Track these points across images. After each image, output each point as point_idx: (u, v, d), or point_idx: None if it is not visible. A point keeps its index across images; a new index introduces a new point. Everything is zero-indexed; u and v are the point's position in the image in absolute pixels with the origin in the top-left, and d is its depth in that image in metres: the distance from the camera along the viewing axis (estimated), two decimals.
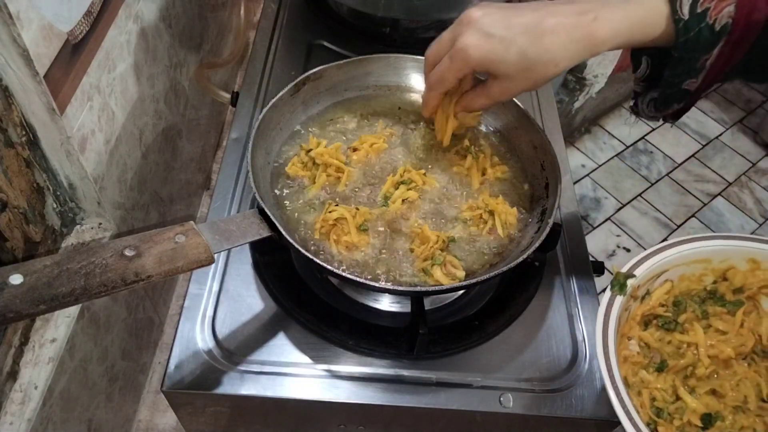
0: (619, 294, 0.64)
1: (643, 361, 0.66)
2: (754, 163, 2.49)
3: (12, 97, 0.66)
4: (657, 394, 0.64)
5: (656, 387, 0.65)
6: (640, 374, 0.65)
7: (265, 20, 1.06)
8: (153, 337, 1.10)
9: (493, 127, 0.84)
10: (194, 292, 0.71)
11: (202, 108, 1.26)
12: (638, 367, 0.66)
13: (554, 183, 0.73)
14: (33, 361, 0.71)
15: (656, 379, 0.65)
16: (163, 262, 0.53)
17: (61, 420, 0.76)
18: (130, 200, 0.93)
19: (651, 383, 0.65)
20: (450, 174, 0.78)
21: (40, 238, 0.76)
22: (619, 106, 2.61)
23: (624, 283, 0.64)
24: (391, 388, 0.67)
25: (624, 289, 0.64)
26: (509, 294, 0.75)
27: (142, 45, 0.91)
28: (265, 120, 0.75)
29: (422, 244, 0.69)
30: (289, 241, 0.62)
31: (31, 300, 0.47)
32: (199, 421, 0.71)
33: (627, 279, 0.64)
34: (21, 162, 0.71)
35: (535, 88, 0.63)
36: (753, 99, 2.75)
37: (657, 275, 0.67)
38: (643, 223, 2.23)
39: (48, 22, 0.65)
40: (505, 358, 0.70)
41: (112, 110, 0.84)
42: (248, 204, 0.80)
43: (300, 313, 0.71)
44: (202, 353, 0.67)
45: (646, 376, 0.65)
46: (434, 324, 0.71)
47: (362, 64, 0.85)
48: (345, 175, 0.75)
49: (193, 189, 1.28)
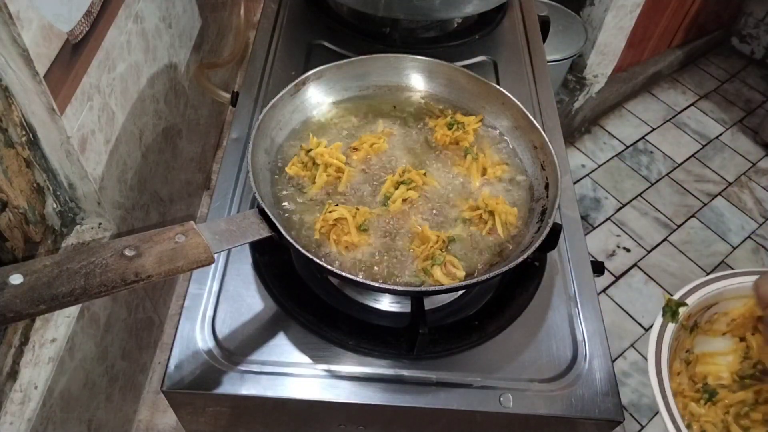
0: (671, 321, 0.62)
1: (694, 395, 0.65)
2: (754, 163, 2.49)
3: (12, 97, 0.66)
4: (708, 427, 0.63)
5: (707, 420, 0.63)
6: (690, 407, 0.64)
7: (265, 20, 1.06)
8: (153, 337, 1.10)
9: (494, 127, 0.84)
10: (194, 292, 0.71)
11: (202, 108, 1.26)
12: (688, 400, 0.64)
13: (554, 183, 0.73)
14: (33, 361, 0.71)
15: (707, 412, 0.64)
16: (163, 262, 0.53)
17: (61, 420, 0.76)
18: (130, 200, 0.93)
19: (702, 416, 0.63)
20: (450, 174, 0.78)
21: (40, 238, 0.76)
22: (619, 106, 2.61)
23: (676, 310, 0.63)
24: (391, 388, 0.67)
25: (676, 317, 0.62)
26: (509, 294, 0.75)
27: (142, 45, 0.91)
28: (265, 120, 0.75)
29: (422, 244, 0.69)
30: (289, 241, 0.62)
31: (31, 300, 0.47)
32: (199, 421, 0.71)
33: (679, 306, 0.63)
34: (21, 162, 0.71)
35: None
36: (753, 99, 2.75)
37: (707, 306, 0.66)
38: (643, 223, 2.24)
39: (48, 22, 0.65)
40: (505, 358, 0.70)
41: (112, 110, 0.84)
42: (248, 204, 0.80)
43: (300, 313, 0.71)
44: (202, 353, 0.67)
45: (696, 409, 0.64)
46: (434, 324, 0.71)
47: (362, 64, 0.85)
48: (345, 175, 0.75)
49: (193, 189, 1.27)
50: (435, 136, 0.81)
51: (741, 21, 2.92)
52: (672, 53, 2.69)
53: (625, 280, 2.07)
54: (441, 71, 0.87)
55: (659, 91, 2.72)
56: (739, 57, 2.95)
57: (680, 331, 0.64)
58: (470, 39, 1.08)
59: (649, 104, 2.66)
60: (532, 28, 1.13)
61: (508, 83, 1.00)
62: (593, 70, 2.23)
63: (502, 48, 1.08)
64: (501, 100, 0.83)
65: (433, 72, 0.87)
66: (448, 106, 0.86)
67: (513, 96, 0.82)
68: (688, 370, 0.68)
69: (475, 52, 1.06)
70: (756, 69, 2.90)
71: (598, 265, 0.80)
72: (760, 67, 2.91)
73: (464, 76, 0.85)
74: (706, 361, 0.69)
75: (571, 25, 2.03)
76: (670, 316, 0.63)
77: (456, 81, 0.86)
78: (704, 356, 0.69)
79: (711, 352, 0.69)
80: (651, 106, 2.65)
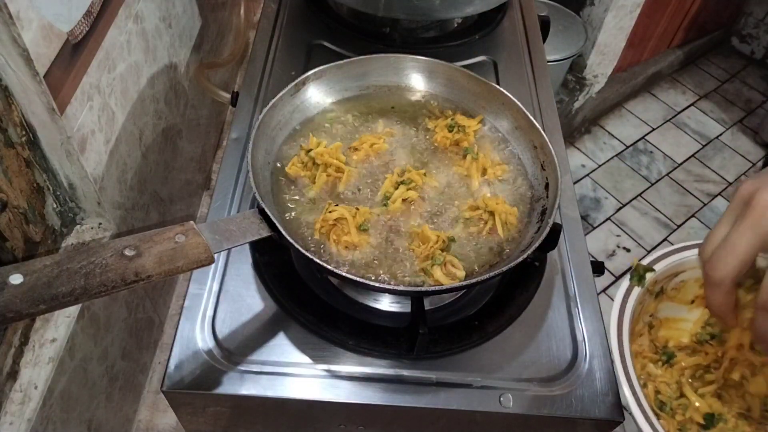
0: (637, 285, 0.64)
1: (653, 357, 0.66)
2: (754, 163, 2.50)
3: (12, 97, 0.66)
4: (662, 387, 0.64)
5: (663, 381, 0.65)
6: (648, 367, 0.65)
7: (265, 20, 1.06)
8: (153, 337, 1.10)
9: (494, 127, 0.84)
10: (194, 292, 0.71)
11: (202, 108, 1.26)
12: (647, 361, 0.66)
13: (554, 183, 0.73)
14: (33, 361, 0.71)
15: (663, 373, 0.65)
16: (163, 262, 0.53)
17: (61, 420, 0.76)
18: (130, 200, 0.93)
19: (658, 377, 0.65)
20: (450, 174, 0.78)
21: (40, 238, 0.76)
22: (619, 106, 2.61)
23: (643, 275, 0.64)
24: (391, 388, 0.67)
25: (642, 281, 0.64)
26: (509, 294, 0.75)
27: (142, 45, 0.91)
28: (265, 120, 0.75)
29: (422, 244, 0.69)
30: (289, 241, 0.62)
31: (31, 300, 0.47)
32: (199, 421, 0.71)
33: (646, 272, 0.64)
34: (21, 162, 0.71)
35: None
36: (753, 99, 2.76)
37: (674, 274, 0.67)
38: (643, 223, 2.24)
39: (48, 22, 0.65)
40: (505, 358, 0.70)
41: (112, 110, 0.84)
42: (248, 204, 0.80)
43: (300, 313, 0.71)
44: (202, 353, 0.67)
45: (653, 369, 0.65)
46: (434, 324, 0.71)
47: (362, 64, 0.85)
48: (345, 175, 0.75)
49: (193, 189, 1.28)
50: (435, 138, 0.81)
51: (741, 21, 2.92)
52: (672, 53, 2.69)
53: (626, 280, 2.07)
54: (441, 71, 0.87)
55: (659, 91, 2.72)
56: (739, 57, 2.95)
57: (645, 296, 0.66)
58: (470, 39, 1.08)
59: (649, 104, 2.66)
60: (532, 28, 1.13)
61: (508, 83, 1.00)
62: (593, 70, 2.23)
63: (502, 48, 1.08)
64: (501, 100, 0.83)
65: (433, 72, 0.87)
66: (448, 107, 0.86)
67: (513, 96, 0.82)
68: (651, 333, 0.70)
69: (475, 52, 1.06)
70: (756, 69, 2.90)
71: (598, 265, 0.80)
72: (760, 67, 2.91)
73: (464, 76, 0.85)
74: (669, 326, 0.70)
75: (571, 25, 2.03)
76: (636, 280, 0.64)
77: (456, 81, 0.86)
78: (668, 321, 0.71)
79: (675, 317, 0.70)
80: (651, 106, 2.65)
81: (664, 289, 0.68)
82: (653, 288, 0.66)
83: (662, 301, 0.71)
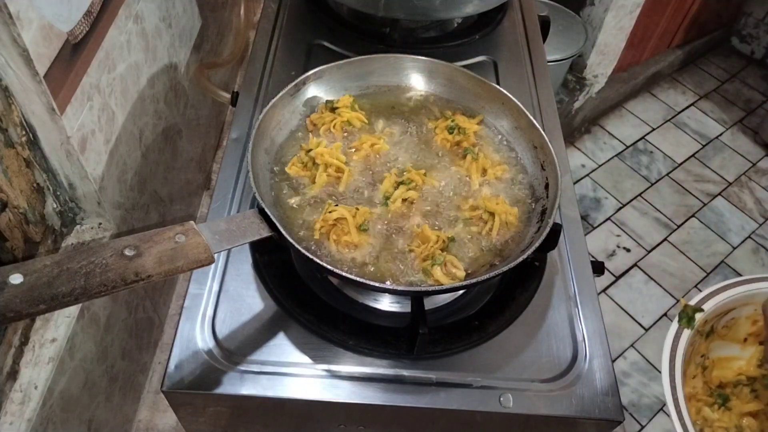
0: (687, 327, 0.62)
1: (708, 399, 0.64)
2: (754, 163, 2.49)
3: (12, 97, 0.66)
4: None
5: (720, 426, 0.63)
6: (703, 411, 0.63)
7: (265, 20, 1.06)
8: (153, 337, 1.10)
9: (494, 127, 0.84)
10: (194, 292, 0.71)
11: (202, 108, 1.26)
12: (702, 404, 0.64)
13: (554, 183, 0.73)
14: (33, 361, 0.71)
15: (721, 417, 0.63)
16: (163, 262, 0.53)
17: (61, 420, 0.76)
18: (130, 200, 0.93)
19: (715, 422, 0.63)
20: (450, 174, 0.78)
21: (40, 238, 0.76)
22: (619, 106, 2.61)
23: (692, 316, 0.62)
24: (391, 388, 0.67)
25: (692, 323, 0.62)
26: (509, 294, 0.75)
27: (142, 45, 0.91)
28: (265, 120, 0.75)
29: (422, 244, 0.69)
30: (289, 241, 0.62)
31: (31, 299, 0.47)
32: (199, 421, 0.71)
33: (695, 312, 0.62)
34: (21, 162, 0.71)
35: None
36: (753, 99, 2.75)
37: (725, 312, 0.65)
38: (643, 223, 2.24)
39: (48, 22, 0.65)
40: (505, 358, 0.70)
41: (112, 110, 0.84)
42: (248, 204, 0.80)
43: (300, 313, 0.71)
44: (202, 353, 0.67)
45: (709, 414, 0.63)
46: (434, 324, 0.71)
47: (362, 64, 0.85)
48: (345, 175, 0.75)
49: (193, 189, 1.28)
50: (435, 139, 0.81)
51: (741, 21, 2.92)
52: (672, 53, 2.69)
53: (625, 280, 2.07)
54: (441, 71, 0.87)
55: (659, 91, 2.72)
56: (739, 57, 2.95)
57: (696, 337, 0.63)
58: (470, 39, 1.08)
59: (649, 104, 2.66)
60: (532, 28, 1.13)
61: (508, 83, 1.00)
62: (593, 70, 2.23)
63: (502, 48, 1.08)
64: (501, 100, 0.83)
65: (433, 72, 0.87)
66: (448, 107, 0.86)
67: (513, 96, 0.82)
68: (704, 375, 0.68)
69: (475, 52, 1.06)
70: (756, 69, 2.90)
71: (598, 265, 0.80)
72: (760, 67, 2.91)
73: (464, 76, 0.85)
74: (722, 365, 0.68)
75: (571, 25, 2.03)
76: (686, 322, 0.62)
77: (456, 81, 0.86)
78: (720, 360, 0.68)
79: (728, 356, 0.68)
80: (651, 106, 2.65)
81: (715, 328, 0.66)
82: (703, 328, 0.64)
83: (713, 340, 0.68)
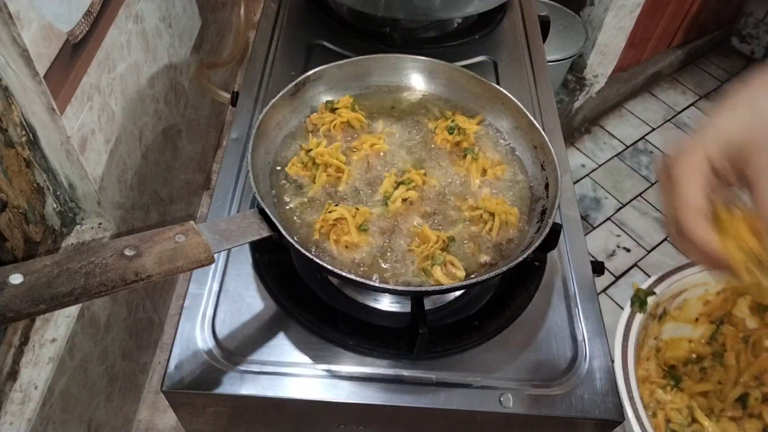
0: (639, 311, 0.62)
1: (661, 381, 0.65)
2: None
3: (12, 97, 0.66)
4: (673, 415, 0.63)
5: (673, 407, 0.63)
6: (657, 394, 0.64)
7: (265, 20, 1.06)
8: (153, 337, 1.10)
9: (494, 127, 0.84)
10: (194, 292, 0.71)
11: (202, 108, 1.26)
12: (655, 387, 0.65)
13: (554, 183, 0.73)
14: (33, 361, 0.71)
15: (673, 398, 0.64)
16: (163, 262, 0.53)
17: (61, 420, 0.76)
18: (130, 200, 0.93)
19: (667, 403, 0.64)
20: (450, 174, 0.78)
21: (40, 238, 0.76)
22: (619, 106, 2.61)
23: (644, 300, 0.63)
24: (391, 388, 0.67)
25: (644, 307, 0.62)
26: (509, 294, 0.75)
27: (142, 45, 0.91)
28: (265, 120, 0.75)
29: (422, 244, 0.69)
30: (289, 241, 0.62)
31: (31, 299, 0.47)
32: (199, 421, 0.71)
33: (647, 296, 0.63)
34: (21, 162, 0.71)
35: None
36: None
37: (676, 294, 0.66)
38: (643, 223, 2.24)
39: (48, 22, 0.65)
40: (505, 358, 0.70)
41: (112, 110, 0.84)
42: (248, 204, 0.80)
43: (300, 313, 0.71)
44: (202, 353, 0.67)
45: (662, 395, 0.64)
46: (434, 324, 0.71)
47: (362, 64, 0.85)
48: (345, 175, 0.75)
49: (193, 189, 1.28)
50: (435, 139, 0.81)
51: (741, 21, 2.92)
52: (672, 53, 2.69)
53: (625, 280, 2.07)
54: (441, 71, 0.87)
55: (659, 91, 2.72)
56: (739, 57, 2.95)
57: (648, 320, 0.64)
58: (470, 39, 1.08)
59: (649, 104, 2.66)
60: (532, 28, 1.13)
61: (508, 83, 1.00)
62: (593, 70, 2.23)
63: (502, 48, 1.08)
64: (501, 100, 0.83)
65: (433, 72, 0.87)
66: (449, 107, 0.86)
67: (513, 96, 0.82)
68: (657, 357, 0.69)
69: (475, 52, 1.06)
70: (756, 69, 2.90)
71: (598, 265, 0.80)
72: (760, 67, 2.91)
73: (464, 76, 0.85)
74: (674, 345, 0.69)
75: (571, 25, 2.03)
76: (638, 306, 0.63)
77: (456, 81, 0.86)
78: (673, 341, 0.69)
79: (680, 337, 0.69)
80: (651, 106, 2.65)
81: (667, 310, 0.67)
82: (655, 311, 0.65)
83: (666, 322, 0.69)
